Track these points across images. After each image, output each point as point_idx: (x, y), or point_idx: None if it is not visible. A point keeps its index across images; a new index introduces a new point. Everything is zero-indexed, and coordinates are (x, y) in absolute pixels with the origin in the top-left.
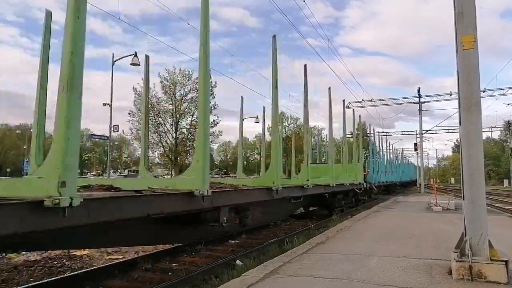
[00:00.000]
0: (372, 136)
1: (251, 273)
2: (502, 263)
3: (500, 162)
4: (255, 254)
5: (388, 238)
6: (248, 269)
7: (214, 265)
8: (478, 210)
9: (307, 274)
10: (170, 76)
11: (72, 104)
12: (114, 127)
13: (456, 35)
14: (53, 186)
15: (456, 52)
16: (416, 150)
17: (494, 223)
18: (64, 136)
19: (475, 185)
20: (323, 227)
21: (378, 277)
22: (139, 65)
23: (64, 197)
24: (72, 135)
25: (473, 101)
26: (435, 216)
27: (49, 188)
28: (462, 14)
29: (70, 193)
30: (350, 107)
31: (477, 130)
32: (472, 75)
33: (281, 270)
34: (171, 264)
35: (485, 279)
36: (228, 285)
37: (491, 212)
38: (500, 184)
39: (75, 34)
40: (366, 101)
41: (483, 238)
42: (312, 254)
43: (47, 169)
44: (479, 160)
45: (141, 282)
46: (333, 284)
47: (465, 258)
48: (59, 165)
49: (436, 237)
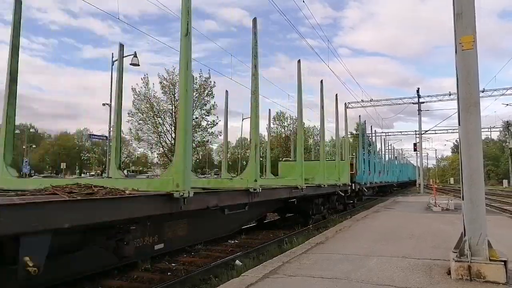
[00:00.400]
0: (371, 136)
1: (250, 273)
2: (501, 263)
3: (499, 163)
4: (254, 254)
5: (388, 238)
6: (248, 269)
7: (213, 265)
8: (477, 210)
9: (306, 274)
10: (169, 76)
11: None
12: (113, 127)
13: (455, 36)
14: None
15: (455, 53)
16: (416, 150)
17: (493, 223)
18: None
19: (474, 185)
20: (323, 227)
21: (377, 277)
22: (138, 65)
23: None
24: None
25: (472, 101)
26: (435, 216)
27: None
28: (461, 15)
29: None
30: (350, 107)
31: (476, 130)
32: (471, 76)
33: (280, 270)
34: (170, 264)
35: (484, 279)
36: (228, 285)
37: (490, 212)
38: (499, 184)
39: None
40: (366, 101)
41: (482, 238)
42: (311, 254)
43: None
44: (478, 161)
45: (141, 282)
46: (332, 284)
47: (464, 258)
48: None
49: (436, 237)
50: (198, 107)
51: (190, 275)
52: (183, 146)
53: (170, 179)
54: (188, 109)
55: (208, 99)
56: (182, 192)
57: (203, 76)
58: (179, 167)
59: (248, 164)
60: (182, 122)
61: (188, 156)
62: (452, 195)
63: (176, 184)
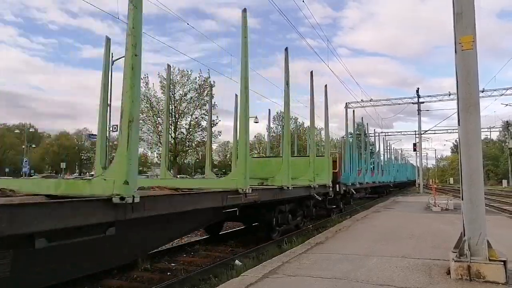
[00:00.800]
0: (369, 135)
1: (250, 273)
2: (500, 263)
3: (498, 163)
4: (254, 254)
5: (387, 238)
6: (247, 269)
7: (213, 265)
8: (477, 210)
9: (306, 274)
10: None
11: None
12: (113, 127)
13: (455, 36)
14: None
15: (455, 53)
16: (415, 150)
17: (493, 223)
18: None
19: (474, 185)
20: (322, 227)
21: (377, 277)
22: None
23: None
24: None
25: (472, 101)
26: (434, 216)
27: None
28: (461, 15)
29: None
30: (350, 107)
31: (476, 131)
32: (471, 76)
33: (280, 270)
34: (170, 264)
35: (483, 279)
36: (228, 284)
37: (489, 212)
38: (499, 184)
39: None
40: (365, 101)
41: (482, 238)
42: (311, 254)
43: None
44: (478, 161)
45: (140, 282)
46: (331, 284)
47: (463, 258)
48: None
49: (435, 237)
50: (198, 107)
51: (190, 275)
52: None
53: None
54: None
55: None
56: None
57: (203, 76)
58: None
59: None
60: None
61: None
62: (452, 195)
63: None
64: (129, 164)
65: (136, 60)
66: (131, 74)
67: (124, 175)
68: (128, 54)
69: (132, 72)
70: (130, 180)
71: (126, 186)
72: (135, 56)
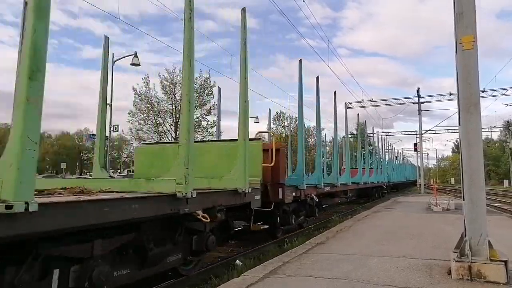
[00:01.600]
0: (364, 133)
1: (250, 273)
2: (501, 263)
3: (499, 163)
4: (255, 254)
5: (388, 238)
6: (248, 269)
7: (213, 265)
8: (478, 210)
9: (307, 274)
10: (170, 76)
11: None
12: (114, 127)
13: (455, 36)
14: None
15: (456, 53)
16: (416, 150)
17: (494, 223)
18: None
19: (474, 185)
20: (323, 227)
21: (377, 277)
22: (139, 65)
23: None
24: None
25: (473, 101)
26: (435, 216)
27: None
28: (462, 15)
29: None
30: (350, 107)
31: (476, 131)
32: (472, 76)
33: (280, 270)
34: None
35: (484, 279)
36: (228, 284)
37: (491, 213)
38: (500, 184)
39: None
40: (366, 101)
41: (483, 238)
42: (311, 254)
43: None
44: (478, 161)
45: (141, 282)
46: (332, 284)
47: (464, 258)
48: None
49: (436, 237)
50: (198, 107)
51: (190, 275)
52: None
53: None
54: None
55: (208, 99)
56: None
57: (203, 76)
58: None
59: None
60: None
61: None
62: (453, 195)
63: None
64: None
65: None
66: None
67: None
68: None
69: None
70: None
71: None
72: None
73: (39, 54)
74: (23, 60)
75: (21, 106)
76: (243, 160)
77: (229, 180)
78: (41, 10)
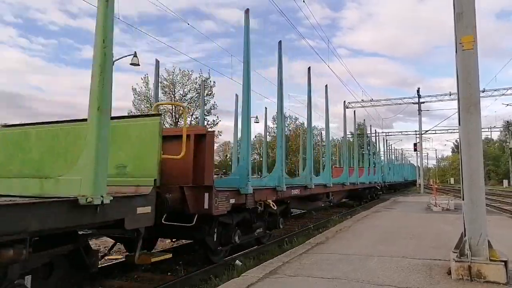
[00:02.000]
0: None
1: (250, 273)
2: (501, 263)
3: (499, 163)
4: (255, 254)
5: (388, 238)
6: (248, 269)
7: (214, 266)
8: (478, 210)
9: (307, 274)
10: (169, 76)
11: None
12: None
13: (455, 36)
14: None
15: (456, 53)
16: (416, 150)
17: (494, 223)
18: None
19: (474, 185)
20: (323, 227)
21: (377, 277)
22: (138, 65)
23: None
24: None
25: (473, 101)
26: (435, 217)
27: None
28: (462, 15)
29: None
30: (350, 107)
31: (476, 130)
32: (472, 76)
33: (280, 270)
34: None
35: (484, 279)
36: (228, 285)
37: (490, 213)
38: (499, 184)
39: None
40: (366, 101)
41: (483, 238)
42: (311, 254)
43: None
44: (478, 161)
45: (141, 282)
46: (332, 284)
47: (464, 258)
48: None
49: (436, 238)
50: (198, 107)
51: (190, 275)
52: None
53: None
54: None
55: (208, 99)
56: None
57: (203, 76)
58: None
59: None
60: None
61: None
62: (452, 195)
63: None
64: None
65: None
66: None
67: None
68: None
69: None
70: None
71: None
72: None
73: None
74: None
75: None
76: (95, 147)
77: (69, 181)
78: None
